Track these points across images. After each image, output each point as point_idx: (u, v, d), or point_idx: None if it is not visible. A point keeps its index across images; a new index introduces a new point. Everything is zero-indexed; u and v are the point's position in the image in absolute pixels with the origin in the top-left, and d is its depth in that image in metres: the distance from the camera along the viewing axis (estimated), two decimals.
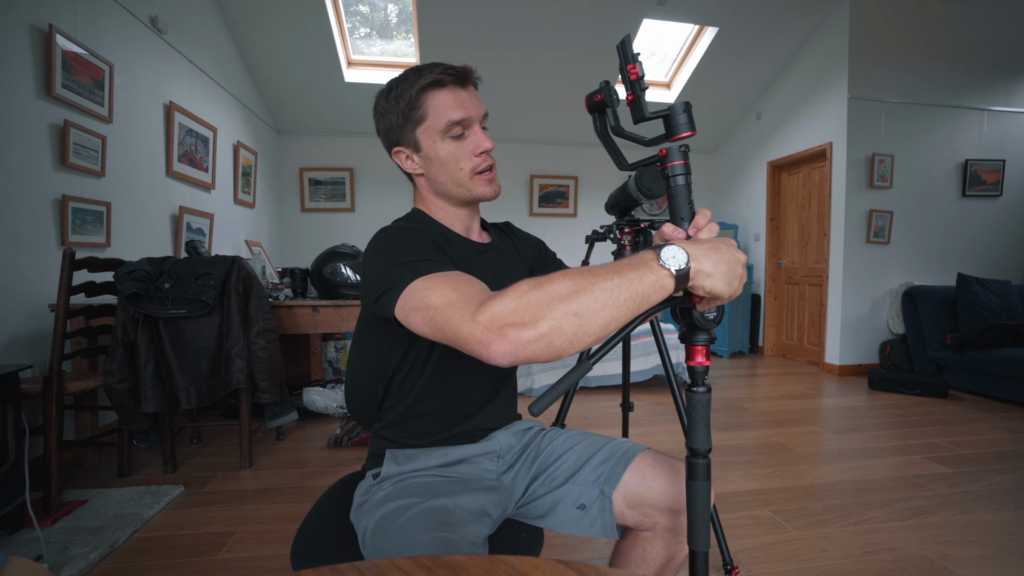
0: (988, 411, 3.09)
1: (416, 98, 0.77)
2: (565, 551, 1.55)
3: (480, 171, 0.80)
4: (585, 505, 0.82)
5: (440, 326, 0.57)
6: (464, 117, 0.77)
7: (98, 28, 2.53)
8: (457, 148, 0.79)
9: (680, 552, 0.82)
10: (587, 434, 0.92)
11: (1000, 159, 4.26)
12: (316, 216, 5.17)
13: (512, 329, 0.51)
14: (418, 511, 0.71)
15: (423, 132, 0.79)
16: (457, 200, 0.84)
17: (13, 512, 1.55)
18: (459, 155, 0.79)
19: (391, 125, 0.81)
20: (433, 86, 0.77)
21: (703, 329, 0.60)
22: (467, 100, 0.79)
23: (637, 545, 0.83)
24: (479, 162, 0.80)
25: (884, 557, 1.50)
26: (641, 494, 0.79)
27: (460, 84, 0.79)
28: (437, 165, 0.80)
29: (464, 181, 0.80)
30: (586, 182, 5.60)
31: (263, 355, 2.11)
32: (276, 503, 1.86)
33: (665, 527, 0.80)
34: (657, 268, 0.53)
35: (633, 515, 0.81)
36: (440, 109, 0.77)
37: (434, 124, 0.78)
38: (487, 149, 0.80)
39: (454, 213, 0.86)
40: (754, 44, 4.39)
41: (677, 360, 3.60)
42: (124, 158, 2.70)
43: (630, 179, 1.31)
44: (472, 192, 0.82)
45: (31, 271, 2.13)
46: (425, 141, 0.79)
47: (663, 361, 1.41)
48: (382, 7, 4.41)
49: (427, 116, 0.78)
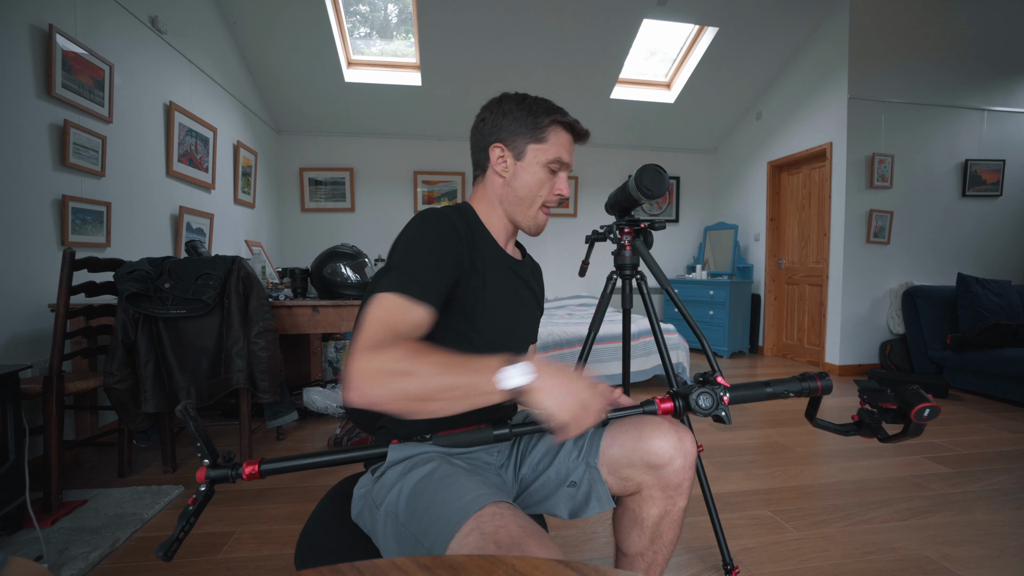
0: (988, 411, 3.09)
1: (546, 124, 0.87)
2: (565, 551, 1.55)
3: (546, 206, 0.91)
4: (575, 482, 0.83)
5: (354, 335, 0.69)
6: (568, 163, 0.90)
7: (98, 28, 2.53)
8: (547, 180, 0.89)
9: (673, 507, 0.82)
10: None
11: (1000, 159, 4.26)
12: (316, 216, 5.17)
13: (370, 388, 0.61)
14: (448, 469, 0.73)
15: (533, 150, 0.88)
16: (510, 215, 0.91)
17: (13, 512, 1.55)
18: (544, 187, 0.89)
19: (509, 126, 0.88)
20: (563, 125, 0.89)
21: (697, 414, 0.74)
22: (572, 150, 0.91)
23: (629, 508, 0.85)
24: (553, 200, 0.91)
25: (884, 557, 1.51)
26: (615, 457, 0.81)
27: (578, 138, 0.92)
28: (523, 180, 0.89)
29: (533, 205, 0.90)
30: (586, 182, 5.60)
31: (263, 355, 2.11)
32: (276, 503, 1.86)
33: (650, 484, 0.81)
34: (491, 382, 0.61)
35: (615, 481, 0.82)
36: (558, 144, 0.88)
37: (546, 151, 0.88)
38: (565, 196, 0.92)
39: (502, 223, 0.93)
40: (754, 44, 4.39)
41: (677, 360, 3.60)
42: (124, 158, 2.70)
43: (630, 179, 1.31)
44: (532, 217, 0.91)
45: (31, 271, 2.13)
46: (530, 157, 0.88)
47: (663, 361, 1.41)
48: (382, 7, 4.41)
49: (545, 141, 0.88)
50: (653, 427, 0.80)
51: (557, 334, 3.61)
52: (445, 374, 0.62)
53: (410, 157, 5.25)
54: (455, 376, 0.62)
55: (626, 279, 1.47)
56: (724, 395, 0.74)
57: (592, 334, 1.50)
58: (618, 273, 1.49)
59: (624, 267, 1.46)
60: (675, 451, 0.79)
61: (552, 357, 3.54)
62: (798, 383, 0.78)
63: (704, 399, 0.73)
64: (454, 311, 0.81)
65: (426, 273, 0.73)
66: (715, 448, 2.42)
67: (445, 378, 0.62)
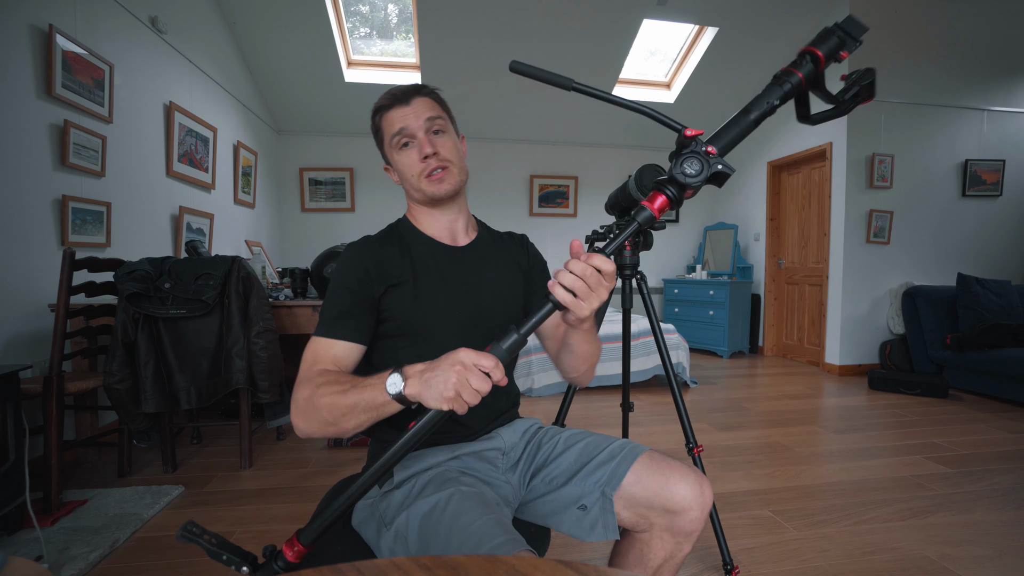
0: (988, 411, 3.09)
1: (377, 122, 0.92)
2: (565, 551, 1.55)
3: (428, 173, 0.88)
4: (586, 506, 0.82)
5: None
6: (401, 127, 0.87)
7: (98, 28, 2.53)
8: (406, 156, 0.89)
9: (679, 552, 0.82)
10: (589, 433, 0.92)
11: (1000, 159, 4.26)
12: (316, 216, 5.17)
13: (297, 421, 0.74)
14: (460, 498, 0.72)
15: (385, 147, 0.92)
16: (421, 201, 0.92)
17: (13, 512, 1.55)
18: (409, 162, 0.89)
19: (379, 147, 0.95)
20: (382, 109, 0.91)
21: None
22: (408, 114, 0.88)
23: (635, 546, 0.84)
24: (423, 166, 0.88)
25: (884, 557, 1.51)
26: (636, 495, 0.80)
27: (402, 102, 0.89)
28: (400, 174, 0.92)
29: (417, 184, 0.89)
30: (586, 182, 5.60)
31: (263, 355, 2.11)
32: (276, 503, 1.86)
33: (662, 527, 0.80)
34: (384, 392, 0.66)
35: (629, 516, 0.81)
36: (388, 126, 0.89)
37: (388, 140, 0.90)
38: (428, 153, 0.87)
39: (431, 215, 0.94)
40: (754, 44, 4.39)
41: (677, 360, 3.60)
42: (124, 158, 2.70)
43: (630, 179, 1.31)
44: (425, 192, 0.89)
45: (31, 271, 2.13)
46: (388, 155, 0.92)
47: (663, 361, 1.41)
48: (382, 7, 4.41)
49: (384, 134, 0.91)
50: (680, 476, 0.79)
51: None
52: (344, 396, 0.70)
53: None
54: (352, 396, 0.69)
55: (626, 279, 1.47)
56: (706, 147, 0.62)
57: None
58: (618, 273, 1.49)
59: (624, 267, 1.46)
60: (694, 502, 0.78)
61: None
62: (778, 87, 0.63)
63: (689, 164, 0.61)
64: (394, 329, 0.86)
65: (337, 314, 0.83)
66: (715, 448, 2.42)
67: (345, 399, 0.69)
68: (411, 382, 0.65)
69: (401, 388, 0.65)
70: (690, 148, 0.62)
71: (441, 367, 0.63)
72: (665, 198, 0.64)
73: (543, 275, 1.03)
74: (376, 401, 0.67)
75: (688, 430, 1.37)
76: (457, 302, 0.88)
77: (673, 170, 0.62)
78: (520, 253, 1.02)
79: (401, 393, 0.65)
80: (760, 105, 0.64)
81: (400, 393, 0.65)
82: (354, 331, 0.82)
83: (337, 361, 0.80)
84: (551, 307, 0.66)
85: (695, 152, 0.61)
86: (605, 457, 0.84)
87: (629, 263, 1.45)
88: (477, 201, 5.40)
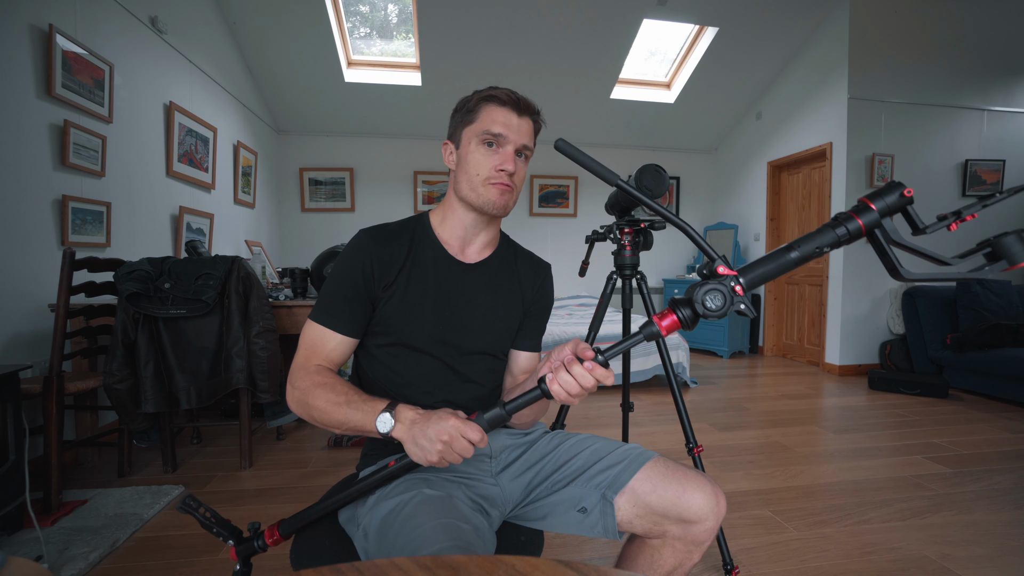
0: (988, 411, 3.09)
1: (476, 104, 0.87)
2: (565, 551, 1.55)
3: (494, 182, 0.85)
4: (586, 508, 0.82)
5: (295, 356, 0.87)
6: (502, 133, 0.84)
7: (98, 28, 2.53)
8: (484, 156, 0.85)
9: (688, 561, 0.81)
10: (597, 438, 0.91)
11: (1000, 159, 4.26)
12: (316, 216, 5.17)
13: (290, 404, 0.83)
14: (418, 502, 0.72)
15: (467, 132, 0.87)
16: (468, 204, 0.88)
17: (13, 512, 1.55)
18: (483, 163, 0.85)
19: (452, 123, 0.91)
20: (492, 100, 0.86)
21: None
22: (514, 125, 0.85)
23: (645, 551, 0.83)
24: (495, 175, 0.85)
25: (884, 557, 1.51)
26: (652, 503, 0.79)
27: (515, 109, 0.86)
28: (465, 163, 0.87)
29: (477, 185, 0.85)
30: (586, 182, 5.60)
31: (263, 355, 2.11)
32: (276, 503, 1.86)
33: (676, 536, 0.79)
34: (374, 426, 0.74)
35: (643, 524, 0.80)
36: (488, 118, 0.85)
37: (477, 127, 0.85)
38: (508, 169, 0.84)
39: (460, 219, 0.91)
40: (754, 44, 4.39)
41: (677, 360, 3.60)
42: (124, 158, 2.70)
43: (630, 179, 1.31)
44: (481, 196, 0.86)
45: (31, 271, 2.13)
46: (465, 140, 0.87)
47: (663, 361, 1.41)
48: (382, 7, 4.41)
49: (475, 120, 0.86)
50: (697, 486, 0.79)
51: (557, 334, 3.61)
52: (337, 410, 0.76)
53: (410, 157, 5.25)
54: (344, 412, 0.76)
55: (626, 279, 1.47)
56: (735, 284, 0.60)
57: (592, 334, 1.50)
58: (618, 273, 1.49)
59: (624, 267, 1.46)
60: (711, 512, 0.78)
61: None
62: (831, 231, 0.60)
63: (712, 298, 0.60)
64: (376, 326, 0.88)
65: (338, 304, 0.85)
66: (715, 448, 2.42)
67: (337, 413, 0.76)
68: (399, 428, 0.72)
69: (390, 430, 0.73)
70: (719, 281, 0.61)
71: (430, 431, 0.68)
72: (676, 320, 0.64)
73: (542, 316, 1.01)
74: (364, 428, 0.75)
75: (688, 430, 1.37)
76: (441, 317, 0.87)
77: (695, 296, 0.61)
78: (530, 284, 0.98)
79: (389, 434, 0.73)
80: (807, 246, 0.61)
81: (388, 434, 0.73)
82: (350, 325, 0.85)
83: (332, 352, 0.85)
84: (540, 395, 0.70)
85: (722, 287, 0.60)
86: (611, 461, 0.84)
87: (629, 263, 1.45)
88: None
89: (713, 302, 0.60)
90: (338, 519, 0.86)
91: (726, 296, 0.60)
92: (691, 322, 0.63)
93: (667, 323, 0.64)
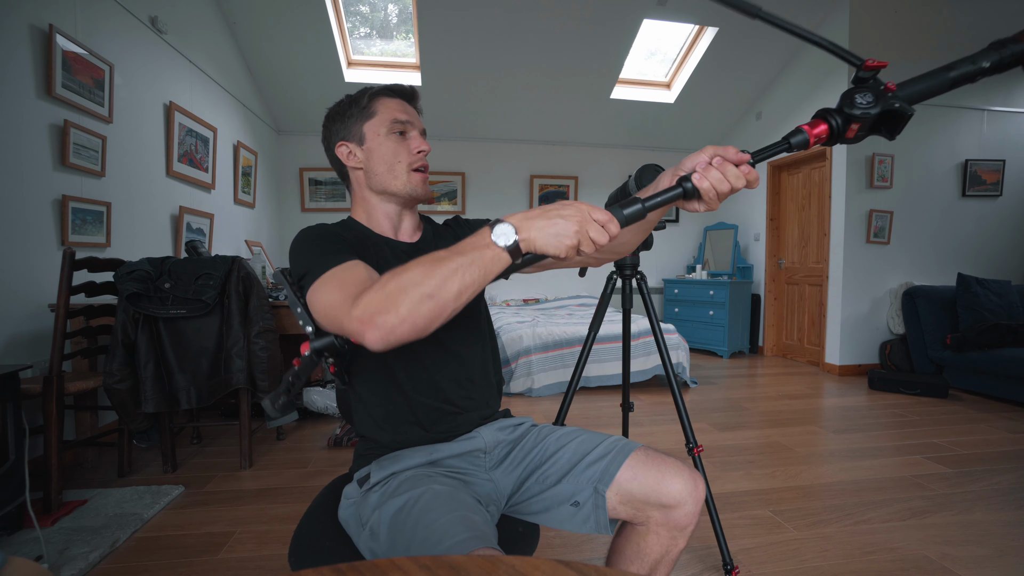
0: (988, 411, 3.09)
1: (369, 100, 0.90)
2: (565, 551, 1.55)
3: (416, 168, 0.90)
4: (579, 502, 0.83)
5: (335, 324, 0.66)
6: (407, 119, 0.90)
7: (98, 28, 2.53)
8: (398, 145, 0.90)
9: (674, 547, 0.84)
10: (582, 431, 0.93)
11: (1000, 159, 4.26)
12: (316, 216, 5.17)
13: (379, 317, 0.60)
14: (429, 497, 0.73)
15: (370, 127, 0.89)
16: (391, 194, 0.91)
17: (13, 512, 1.55)
18: (399, 151, 0.89)
19: (341, 123, 0.91)
20: (385, 93, 0.91)
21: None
22: (411, 113, 0.92)
23: (632, 540, 0.85)
24: (416, 159, 0.90)
25: (884, 557, 1.51)
26: (633, 491, 0.81)
27: (407, 99, 0.93)
28: (378, 157, 0.89)
29: (401, 174, 0.89)
30: (586, 182, 5.60)
31: (263, 355, 2.11)
32: (276, 503, 1.86)
33: (658, 522, 0.82)
34: (492, 245, 0.62)
35: (626, 510, 0.83)
36: (388, 110, 0.90)
37: (381, 121, 0.89)
38: (424, 150, 0.91)
39: (383, 211, 0.93)
40: (754, 44, 4.39)
41: (677, 360, 3.60)
42: (124, 158, 2.70)
43: (630, 179, 1.31)
44: (407, 185, 0.90)
45: (31, 271, 2.13)
46: (370, 135, 0.89)
47: (663, 361, 1.41)
48: (382, 7, 4.41)
49: (376, 114, 0.90)
50: (674, 471, 0.81)
51: (557, 334, 3.61)
52: (439, 264, 0.62)
53: None
54: (451, 260, 0.62)
55: (626, 279, 1.47)
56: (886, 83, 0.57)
57: (592, 334, 1.50)
58: (618, 273, 1.49)
59: (624, 267, 1.46)
60: (688, 496, 0.80)
61: (552, 357, 3.54)
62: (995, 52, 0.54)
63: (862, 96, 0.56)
64: None
65: (332, 249, 0.76)
66: (715, 448, 2.42)
67: (441, 263, 0.61)
68: (522, 229, 0.61)
69: (516, 238, 0.61)
70: (868, 81, 0.56)
71: (561, 215, 0.61)
72: (826, 127, 0.58)
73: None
74: (485, 256, 0.61)
75: (688, 430, 1.37)
76: None
77: (844, 102, 0.56)
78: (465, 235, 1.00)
79: (516, 243, 0.61)
80: (965, 65, 0.55)
81: (515, 243, 0.61)
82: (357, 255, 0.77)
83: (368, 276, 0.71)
84: (681, 192, 0.64)
85: (870, 86, 0.56)
86: (598, 454, 0.85)
87: (629, 263, 1.45)
88: (477, 201, 5.40)
89: (862, 98, 0.56)
90: (338, 518, 0.86)
91: (875, 92, 0.56)
92: (841, 129, 0.58)
93: (818, 130, 0.59)
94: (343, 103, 0.92)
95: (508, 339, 3.59)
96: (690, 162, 0.67)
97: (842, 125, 0.58)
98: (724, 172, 0.63)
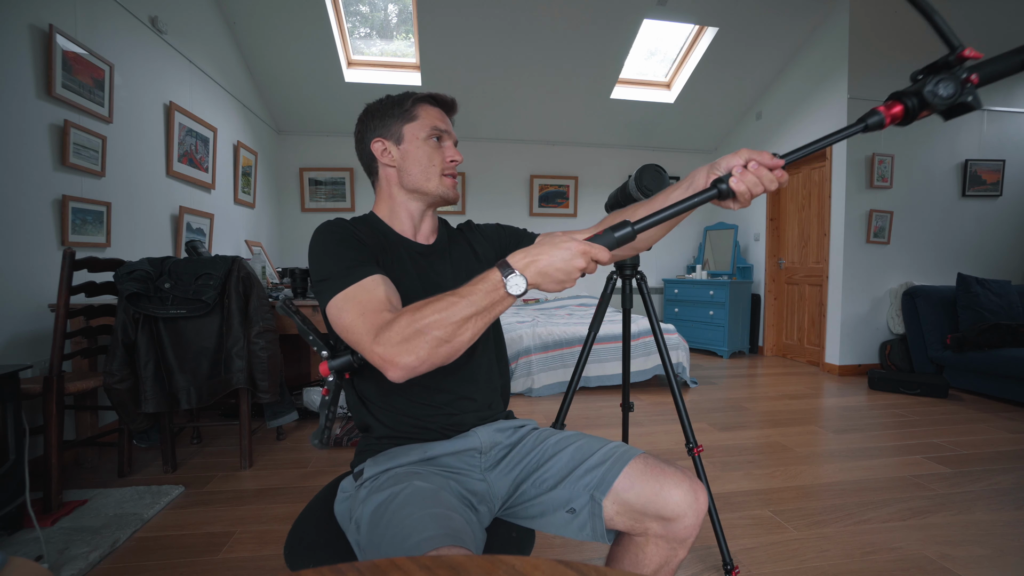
0: (988, 411, 3.09)
1: (412, 104, 0.94)
2: (565, 551, 1.55)
3: (447, 174, 0.95)
4: (575, 509, 0.81)
5: (353, 343, 0.73)
6: (446, 130, 0.95)
7: (98, 28, 2.53)
8: (434, 151, 0.94)
9: (674, 558, 0.81)
10: (582, 435, 0.91)
11: (1000, 159, 4.26)
12: (316, 216, 5.17)
13: (400, 359, 0.67)
14: (408, 493, 0.73)
15: (409, 129, 0.93)
16: (422, 193, 0.94)
17: (13, 512, 1.55)
18: (435, 156, 0.94)
19: (380, 121, 0.94)
20: (428, 101, 0.95)
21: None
22: (449, 122, 0.98)
23: (631, 550, 0.83)
24: (449, 167, 0.95)
25: (884, 557, 1.51)
26: (630, 500, 0.79)
27: (450, 111, 0.98)
28: (413, 159, 0.93)
29: (434, 177, 0.93)
30: (586, 182, 5.60)
31: (263, 355, 2.11)
32: (276, 503, 1.86)
33: (657, 533, 0.79)
34: (506, 295, 0.69)
35: (624, 521, 0.80)
36: (429, 117, 0.94)
37: (422, 125, 0.93)
38: (457, 160, 0.96)
39: (407, 210, 0.96)
40: (754, 44, 4.39)
41: (677, 360, 3.60)
42: (124, 158, 2.70)
43: (630, 179, 1.31)
44: (440, 187, 0.94)
45: (31, 271, 2.13)
46: (409, 136, 0.93)
47: (663, 361, 1.41)
48: (382, 7, 4.41)
49: (417, 118, 0.93)
50: (674, 482, 0.78)
51: (557, 334, 3.61)
52: (454, 309, 0.68)
53: None
54: (464, 307, 0.68)
55: (626, 279, 1.47)
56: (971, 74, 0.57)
57: (592, 334, 1.50)
58: (618, 273, 1.49)
59: (624, 267, 1.46)
60: (688, 508, 0.77)
61: (552, 357, 3.54)
62: None
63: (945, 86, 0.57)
64: None
65: (353, 259, 0.80)
66: (715, 448, 2.42)
67: (456, 311, 0.68)
68: (530, 277, 0.68)
69: (524, 288, 0.68)
70: (953, 70, 0.58)
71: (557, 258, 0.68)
72: (903, 108, 0.61)
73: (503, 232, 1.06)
74: (495, 307, 0.69)
75: (688, 430, 1.37)
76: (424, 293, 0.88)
77: (924, 87, 0.58)
78: (476, 240, 1.04)
79: (524, 292, 0.68)
80: None
81: (524, 292, 0.68)
82: (376, 266, 0.81)
83: (390, 298, 0.76)
84: (716, 193, 0.68)
85: (956, 75, 0.57)
86: (596, 461, 0.83)
87: (629, 263, 1.45)
88: (477, 201, 5.40)
89: (946, 90, 0.58)
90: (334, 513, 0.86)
91: (958, 84, 0.57)
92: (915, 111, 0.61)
93: (895, 111, 0.62)
94: (384, 102, 0.95)
95: (508, 339, 3.59)
96: (725, 163, 0.72)
97: (916, 108, 0.60)
98: (760, 176, 0.69)
